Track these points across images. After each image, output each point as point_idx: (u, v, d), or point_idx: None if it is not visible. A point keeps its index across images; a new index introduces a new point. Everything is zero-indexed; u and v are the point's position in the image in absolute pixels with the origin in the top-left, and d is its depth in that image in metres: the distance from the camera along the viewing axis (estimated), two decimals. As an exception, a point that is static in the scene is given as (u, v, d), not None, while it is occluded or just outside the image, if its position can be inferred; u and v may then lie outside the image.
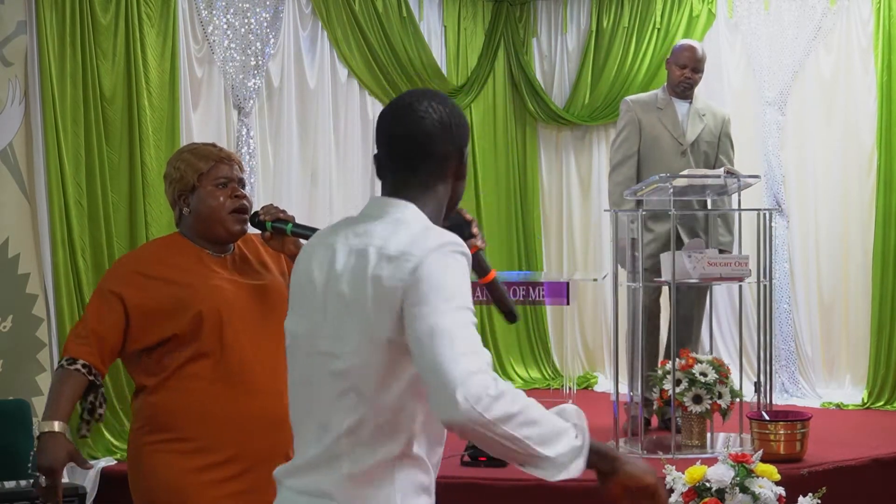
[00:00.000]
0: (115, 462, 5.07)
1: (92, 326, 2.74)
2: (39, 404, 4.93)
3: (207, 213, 2.84)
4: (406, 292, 1.83)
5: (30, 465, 2.70)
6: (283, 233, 2.80)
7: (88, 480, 4.92)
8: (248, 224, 2.89)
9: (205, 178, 2.84)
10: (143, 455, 2.78)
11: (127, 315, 2.75)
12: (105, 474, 4.97)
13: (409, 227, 1.90)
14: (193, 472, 2.73)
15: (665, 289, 5.62)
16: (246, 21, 5.92)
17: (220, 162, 2.87)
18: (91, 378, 2.72)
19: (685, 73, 5.58)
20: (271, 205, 2.88)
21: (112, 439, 5.16)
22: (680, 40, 6.24)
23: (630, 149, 5.60)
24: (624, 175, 5.58)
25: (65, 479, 4.84)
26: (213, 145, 2.95)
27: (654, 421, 5.49)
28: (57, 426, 2.67)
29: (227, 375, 2.75)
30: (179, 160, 2.88)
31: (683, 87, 5.61)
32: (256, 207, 2.90)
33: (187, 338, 2.75)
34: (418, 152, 1.96)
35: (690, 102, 5.65)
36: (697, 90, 5.71)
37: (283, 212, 2.83)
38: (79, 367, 2.71)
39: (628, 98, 5.80)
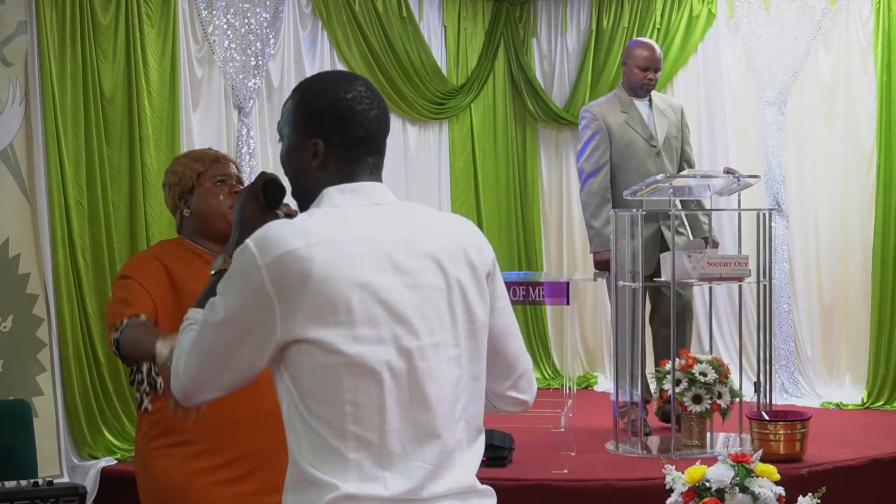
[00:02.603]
0: (116, 462, 5.07)
1: (127, 298, 2.69)
2: (39, 404, 4.94)
3: (208, 211, 2.87)
4: (490, 279, 1.92)
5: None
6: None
7: (89, 480, 4.93)
8: None
9: (203, 177, 2.88)
10: (150, 459, 2.78)
11: (148, 293, 2.73)
12: (105, 474, 4.98)
13: (438, 213, 1.94)
14: (200, 474, 2.73)
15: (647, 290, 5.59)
16: (246, 21, 5.92)
17: (216, 161, 2.91)
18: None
19: (647, 74, 5.57)
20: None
21: (112, 439, 5.16)
22: (633, 39, 6.21)
23: (601, 158, 5.57)
24: (598, 185, 5.55)
25: (64, 479, 4.85)
26: (209, 148, 3.01)
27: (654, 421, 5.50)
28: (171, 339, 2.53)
29: None
30: (176, 164, 2.93)
31: (647, 89, 5.60)
32: None
33: None
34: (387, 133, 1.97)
35: (649, 101, 5.64)
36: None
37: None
38: (143, 318, 2.63)
39: (590, 106, 5.74)
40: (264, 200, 2.04)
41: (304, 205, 1.92)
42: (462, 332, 1.85)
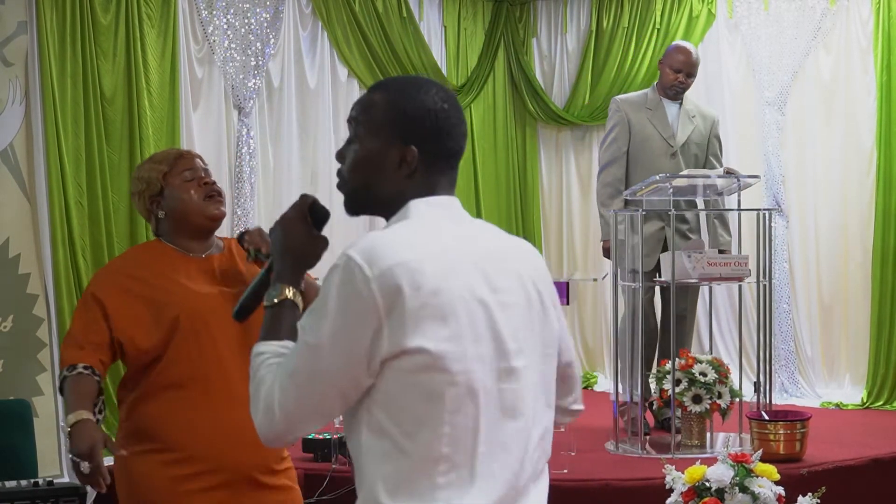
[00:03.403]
0: (116, 462, 5.07)
1: (80, 336, 2.73)
2: (40, 404, 4.94)
3: (182, 207, 2.84)
4: (553, 299, 1.91)
5: (70, 455, 2.68)
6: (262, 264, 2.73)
7: (89, 480, 4.93)
8: (224, 207, 2.89)
9: (170, 176, 2.85)
10: (128, 464, 2.78)
11: (108, 322, 2.73)
12: (105, 474, 4.97)
13: (503, 232, 1.92)
14: (177, 482, 2.72)
15: (657, 288, 5.61)
16: (246, 21, 5.92)
17: (180, 157, 2.88)
18: (96, 378, 2.70)
19: (679, 77, 5.57)
20: (258, 230, 2.85)
21: (112, 439, 5.15)
22: (675, 41, 6.22)
23: (619, 149, 5.60)
24: (612, 176, 5.58)
25: (65, 479, 4.85)
26: (171, 148, 2.98)
27: (650, 420, 5.50)
28: (85, 413, 2.63)
29: (206, 384, 2.73)
30: (140, 171, 2.90)
31: (676, 91, 5.61)
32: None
33: (164, 345, 2.73)
34: None
35: (680, 103, 5.65)
36: (688, 91, 5.71)
37: (267, 244, 2.75)
38: (80, 370, 2.69)
39: (618, 98, 5.80)
40: (313, 222, 1.96)
41: (372, 210, 1.86)
42: (540, 355, 1.82)
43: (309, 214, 1.95)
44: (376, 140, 1.83)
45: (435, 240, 1.74)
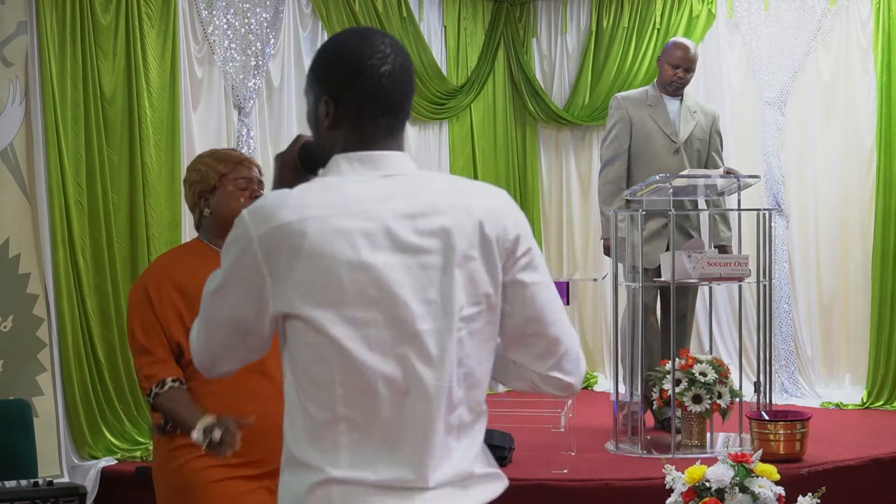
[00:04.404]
0: (116, 462, 5.07)
1: (149, 346, 2.76)
2: (39, 404, 4.94)
3: (227, 213, 2.86)
4: (512, 253, 1.79)
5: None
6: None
7: (89, 480, 4.93)
8: None
9: (225, 179, 2.89)
10: (173, 459, 2.77)
11: (157, 317, 2.77)
12: (105, 474, 4.98)
13: (462, 182, 1.84)
14: (225, 471, 2.72)
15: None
16: (246, 21, 5.92)
17: (240, 164, 2.92)
18: (185, 388, 2.76)
19: (678, 72, 5.58)
20: None
21: (112, 439, 5.16)
22: (673, 38, 6.23)
23: (620, 146, 5.61)
24: (614, 173, 5.59)
25: (64, 479, 4.86)
26: (233, 150, 3.01)
27: (650, 420, 5.50)
28: (208, 418, 2.59)
29: (247, 378, 2.71)
30: (199, 163, 2.93)
31: (675, 87, 5.61)
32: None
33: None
34: (412, 92, 1.86)
35: (681, 100, 5.65)
36: (687, 87, 5.71)
37: None
38: (171, 384, 2.74)
39: (618, 95, 5.80)
40: (302, 164, 1.93)
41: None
42: (467, 315, 1.73)
43: (299, 157, 1.94)
44: (309, 98, 1.84)
45: (333, 199, 1.71)
